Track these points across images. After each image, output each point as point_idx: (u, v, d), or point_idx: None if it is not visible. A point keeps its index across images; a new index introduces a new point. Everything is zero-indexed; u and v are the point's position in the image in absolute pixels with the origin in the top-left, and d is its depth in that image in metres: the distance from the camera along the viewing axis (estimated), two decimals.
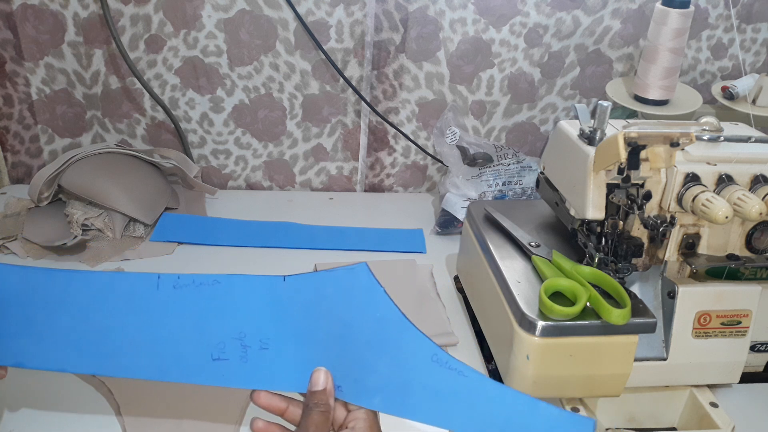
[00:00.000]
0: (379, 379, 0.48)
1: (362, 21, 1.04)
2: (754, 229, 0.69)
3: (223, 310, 0.49)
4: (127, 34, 1.03)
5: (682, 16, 0.90)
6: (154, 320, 0.49)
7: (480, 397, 0.47)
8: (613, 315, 0.61)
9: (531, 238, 0.74)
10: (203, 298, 0.49)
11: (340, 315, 0.48)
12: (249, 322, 0.49)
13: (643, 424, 0.74)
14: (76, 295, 0.49)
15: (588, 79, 1.12)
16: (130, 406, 0.67)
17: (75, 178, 0.95)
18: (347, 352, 0.48)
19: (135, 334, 0.49)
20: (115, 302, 0.49)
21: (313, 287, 0.48)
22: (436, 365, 0.47)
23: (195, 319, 0.49)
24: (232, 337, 0.49)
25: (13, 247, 0.93)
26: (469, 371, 0.47)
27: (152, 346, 0.49)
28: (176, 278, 0.49)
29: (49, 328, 0.49)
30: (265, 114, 1.11)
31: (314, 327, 0.49)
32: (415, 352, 0.47)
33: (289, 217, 1.07)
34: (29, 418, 0.66)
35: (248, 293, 0.49)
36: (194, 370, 0.49)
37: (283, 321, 0.49)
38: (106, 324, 0.49)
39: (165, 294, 0.49)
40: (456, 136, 1.05)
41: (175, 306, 0.49)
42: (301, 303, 0.48)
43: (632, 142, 0.63)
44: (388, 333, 0.47)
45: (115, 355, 0.49)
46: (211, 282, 0.49)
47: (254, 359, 0.49)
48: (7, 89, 1.05)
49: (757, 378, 0.76)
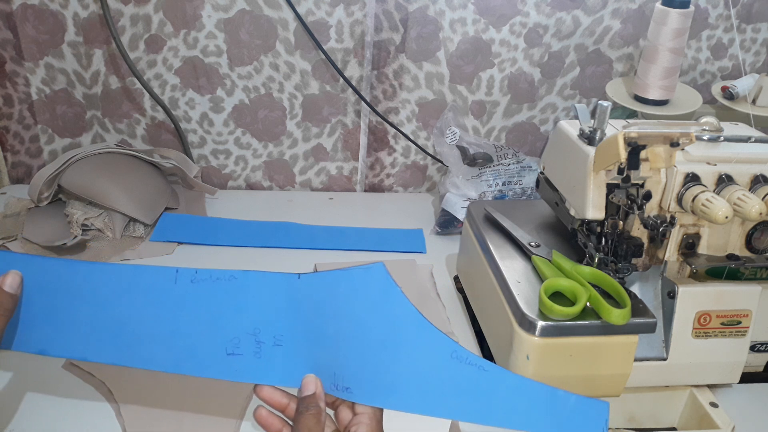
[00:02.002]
0: (394, 378, 0.48)
1: (362, 21, 1.04)
2: (754, 229, 0.69)
3: (239, 306, 0.49)
4: (127, 34, 1.03)
5: (682, 16, 0.90)
6: (171, 314, 0.49)
7: (500, 389, 0.48)
8: (613, 315, 0.61)
9: (531, 238, 0.74)
10: (219, 294, 0.49)
11: (353, 314, 0.48)
12: (263, 319, 0.49)
13: (643, 424, 0.74)
14: (97, 287, 0.50)
15: (588, 79, 1.12)
16: (129, 406, 0.67)
17: (75, 178, 0.95)
18: (360, 351, 0.48)
19: (152, 327, 0.50)
20: (134, 295, 0.50)
21: (328, 286, 0.48)
22: (456, 362, 0.48)
23: (211, 314, 0.49)
24: (247, 333, 0.49)
25: (13, 247, 0.93)
26: (489, 365, 0.48)
27: (168, 339, 0.50)
28: (194, 273, 0.49)
29: (71, 318, 0.50)
30: (265, 114, 1.11)
31: (326, 326, 0.49)
32: (434, 350, 0.48)
33: (289, 217, 1.07)
34: (29, 418, 0.66)
35: (263, 290, 0.49)
36: (208, 364, 0.50)
37: (297, 318, 0.49)
38: (125, 315, 0.50)
39: (182, 288, 0.49)
40: (456, 136, 1.05)
41: (192, 300, 0.49)
42: (314, 301, 0.49)
43: (632, 142, 0.63)
44: (405, 332, 0.48)
45: (132, 346, 0.50)
46: (228, 277, 0.49)
47: (268, 355, 0.50)
48: (7, 89, 1.05)
49: (757, 378, 0.76)
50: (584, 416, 0.49)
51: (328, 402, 0.52)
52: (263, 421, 0.51)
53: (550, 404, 0.48)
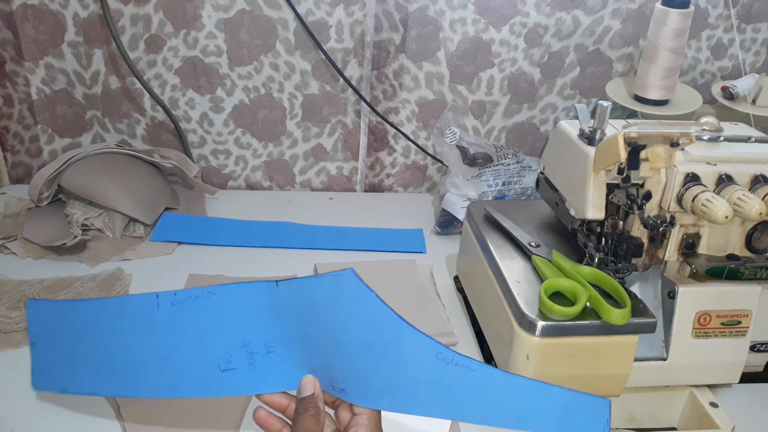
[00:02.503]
0: (384, 381, 0.48)
1: (362, 21, 1.04)
2: (754, 229, 0.69)
3: (224, 321, 0.49)
4: (127, 34, 1.03)
5: (682, 16, 0.90)
6: (159, 339, 0.50)
7: (491, 388, 0.48)
8: (613, 315, 0.61)
9: (531, 238, 0.74)
10: (201, 312, 0.49)
11: (333, 320, 0.48)
12: (251, 329, 0.49)
13: (643, 424, 0.74)
14: (94, 323, 0.51)
15: (588, 79, 1.12)
16: (130, 406, 0.67)
17: (75, 178, 0.95)
18: (346, 355, 0.48)
19: (144, 355, 0.50)
20: (124, 326, 0.50)
21: (305, 292, 0.48)
22: (443, 363, 0.47)
23: (198, 334, 0.49)
24: (237, 346, 0.49)
25: (13, 247, 0.93)
26: (477, 365, 0.48)
27: (162, 365, 0.50)
28: (173, 295, 0.49)
29: (77, 356, 0.52)
30: (265, 114, 1.11)
31: (312, 330, 0.49)
32: (419, 352, 0.47)
33: (289, 217, 1.07)
34: (29, 418, 0.66)
35: (244, 301, 0.49)
36: (204, 383, 0.50)
37: (285, 323, 0.49)
38: (120, 347, 0.51)
39: (165, 312, 0.49)
40: (456, 136, 1.05)
41: (177, 323, 0.49)
42: (296, 307, 0.48)
43: (632, 142, 0.63)
44: (386, 336, 0.47)
45: (130, 377, 0.50)
46: (207, 294, 0.49)
47: (262, 364, 0.49)
48: (7, 89, 1.05)
49: (757, 378, 0.76)
50: (585, 414, 0.48)
51: (329, 401, 0.52)
52: (263, 422, 0.51)
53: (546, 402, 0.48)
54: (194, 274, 0.90)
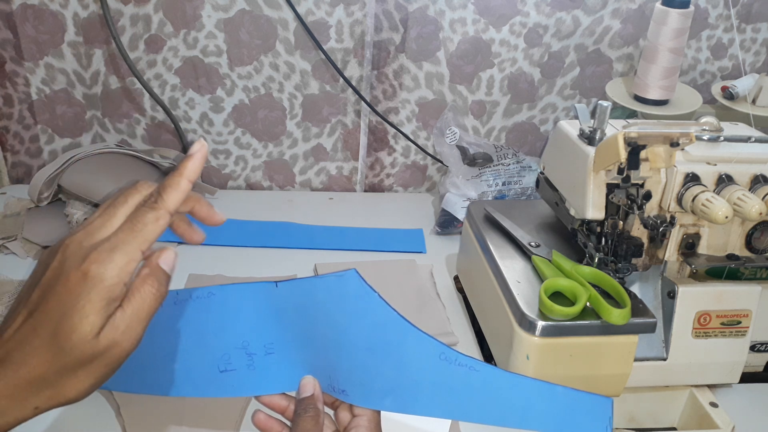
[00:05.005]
0: (386, 381, 0.48)
1: (362, 21, 1.04)
2: (754, 229, 0.69)
3: (223, 322, 0.49)
4: (127, 34, 1.03)
5: (682, 16, 0.90)
6: (161, 338, 0.49)
7: (495, 388, 0.48)
8: (613, 315, 0.61)
9: (531, 238, 0.74)
10: (202, 312, 0.49)
11: (334, 321, 0.47)
12: (250, 330, 0.49)
13: (643, 424, 0.74)
14: None
15: (588, 79, 1.12)
16: (130, 406, 0.67)
17: (75, 178, 0.95)
18: (349, 356, 0.48)
19: (147, 352, 0.50)
20: None
21: (306, 293, 0.48)
22: (446, 363, 0.47)
23: (198, 334, 0.49)
24: (235, 347, 0.49)
25: (13, 247, 0.93)
26: (480, 365, 0.48)
27: (163, 363, 0.50)
28: (175, 294, 0.49)
29: None
30: (265, 114, 1.11)
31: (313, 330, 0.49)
32: (421, 353, 0.47)
33: (289, 217, 1.07)
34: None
35: (244, 301, 0.49)
36: (203, 384, 0.50)
37: (284, 324, 0.49)
38: None
39: (168, 311, 0.49)
40: (456, 136, 1.05)
41: (178, 322, 0.49)
42: (296, 307, 0.48)
43: (632, 142, 0.63)
44: (389, 337, 0.47)
45: (132, 374, 0.50)
46: (206, 295, 0.49)
47: (261, 365, 0.49)
48: (7, 89, 1.05)
49: (757, 378, 0.76)
50: (587, 413, 0.48)
51: (328, 402, 0.52)
52: (262, 425, 0.51)
53: (549, 401, 0.48)
54: (194, 274, 0.90)
